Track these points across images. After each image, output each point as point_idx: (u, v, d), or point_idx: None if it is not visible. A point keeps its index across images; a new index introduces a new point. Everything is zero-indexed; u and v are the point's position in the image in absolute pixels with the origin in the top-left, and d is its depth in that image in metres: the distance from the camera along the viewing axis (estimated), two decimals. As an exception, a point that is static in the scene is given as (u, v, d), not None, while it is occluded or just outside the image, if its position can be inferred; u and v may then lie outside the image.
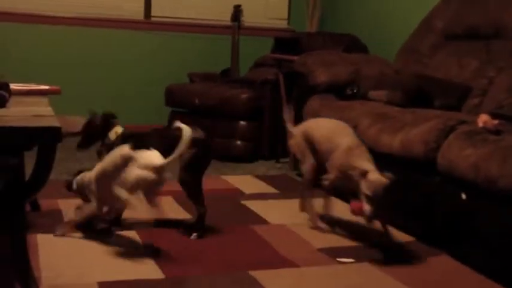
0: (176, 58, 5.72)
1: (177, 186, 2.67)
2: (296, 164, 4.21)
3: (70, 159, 4.10)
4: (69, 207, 2.87)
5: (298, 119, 4.00)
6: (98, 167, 2.48)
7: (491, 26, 3.59)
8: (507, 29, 3.46)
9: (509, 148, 2.30)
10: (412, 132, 2.81)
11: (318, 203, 3.00)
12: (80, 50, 5.41)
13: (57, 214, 2.95)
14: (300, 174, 4.10)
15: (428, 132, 2.72)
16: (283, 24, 6.06)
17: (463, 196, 2.49)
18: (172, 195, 3.35)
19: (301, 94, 4.08)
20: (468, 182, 2.43)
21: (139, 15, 5.62)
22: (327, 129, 2.81)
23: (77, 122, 3.35)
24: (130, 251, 2.54)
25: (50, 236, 2.65)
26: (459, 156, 2.49)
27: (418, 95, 3.47)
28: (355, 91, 3.76)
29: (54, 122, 1.60)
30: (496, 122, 2.58)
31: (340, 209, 3.12)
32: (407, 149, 2.80)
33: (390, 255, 2.60)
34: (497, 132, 2.52)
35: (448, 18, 3.97)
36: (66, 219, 2.79)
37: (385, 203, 2.43)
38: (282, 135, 4.46)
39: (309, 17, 5.85)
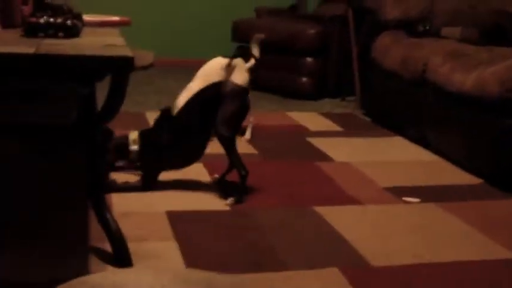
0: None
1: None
2: (363, 102, 4.16)
3: (135, 92, 4.17)
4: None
5: (367, 56, 3.93)
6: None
7: None
8: None
9: None
10: (487, 71, 2.71)
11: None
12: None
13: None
14: (366, 113, 4.05)
15: (506, 70, 2.61)
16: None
17: (538, 139, 2.40)
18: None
19: (370, 30, 3.98)
20: (544, 124, 2.34)
21: None
22: None
23: (146, 56, 3.39)
24: (198, 183, 2.59)
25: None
26: (536, 97, 2.39)
27: (496, 32, 3.32)
28: (427, 28, 3.64)
29: (127, 52, 1.61)
30: None
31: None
32: (481, 88, 2.70)
33: (458, 197, 2.55)
34: None
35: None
36: None
37: None
38: (349, 72, 4.40)
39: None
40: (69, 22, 1.76)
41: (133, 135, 2.51)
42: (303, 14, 5.14)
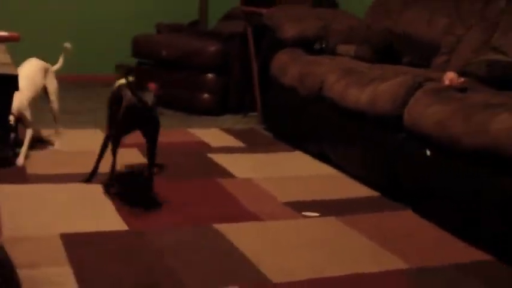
0: (144, 8, 5.59)
1: (143, 138, 2.63)
2: (264, 117, 4.20)
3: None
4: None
5: (267, 73, 3.98)
6: None
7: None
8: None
9: (473, 106, 2.31)
10: (380, 88, 2.81)
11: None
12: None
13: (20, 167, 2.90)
14: (267, 128, 4.10)
15: (396, 88, 2.72)
16: (253, -25, 5.94)
17: (428, 153, 2.50)
18: (137, 147, 3.32)
19: (270, 48, 4.04)
20: (433, 138, 2.45)
21: (106, -38, 5.46)
22: None
23: None
24: (94, 202, 2.51)
25: (12, 186, 2.61)
26: (425, 113, 2.50)
27: (387, 50, 3.46)
28: (323, 46, 3.74)
29: (10, 70, 1.54)
30: (461, 79, 2.59)
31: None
32: (374, 104, 2.80)
33: (356, 210, 2.62)
34: (462, 89, 2.53)
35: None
36: None
37: None
38: (250, 89, 4.44)
39: (279, -31, 5.75)
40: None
41: None
42: (204, 30, 5.15)
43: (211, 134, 3.87)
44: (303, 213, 2.56)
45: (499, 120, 2.17)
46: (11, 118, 2.85)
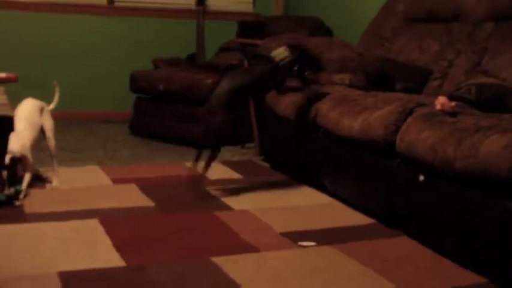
0: (141, 43, 5.66)
1: (141, 173, 2.65)
2: (262, 148, 4.23)
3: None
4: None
5: (263, 103, 4.01)
6: None
7: (450, 9, 3.62)
8: (465, 12, 3.50)
9: (465, 130, 2.33)
10: (373, 115, 2.83)
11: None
12: (42, 36, 5.32)
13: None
14: (265, 159, 4.12)
15: (388, 115, 2.75)
16: (248, 7, 6.04)
17: (421, 178, 2.52)
18: (136, 182, 3.34)
19: (265, 78, 4.07)
20: (426, 163, 2.46)
21: (103, 0, 5.54)
22: None
23: None
24: (92, 239, 2.52)
25: (10, 226, 2.62)
26: (417, 138, 2.52)
27: (380, 78, 3.49)
28: (318, 74, 3.77)
29: (6, 111, 1.58)
30: (453, 104, 2.61)
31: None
32: (367, 131, 2.82)
33: (352, 238, 2.62)
34: (454, 114, 2.56)
35: (410, 2, 3.99)
36: None
37: None
38: (247, 120, 4.47)
39: (274, 0, 5.83)
40: None
41: None
42: (201, 63, 5.21)
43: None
44: (300, 243, 2.56)
45: (489, 142, 2.18)
46: (7, 157, 2.86)
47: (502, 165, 2.08)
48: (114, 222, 2.74)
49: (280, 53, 3.20)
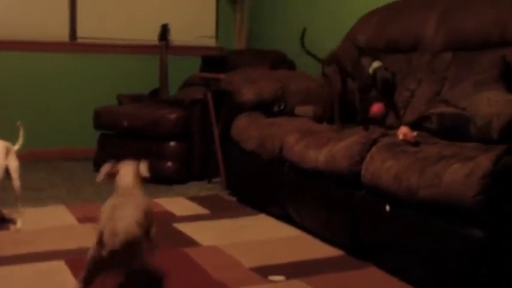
0: (104, 80, 5.65)
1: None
2: (228, 182, 4.22)
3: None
4: None
5: (228, 137, 4.02)
6: None
7: (409, 39, 3.70)
8: (424, 42, 3.58)
9: (427, 159, 2.36)
10: (337, 147, 2.86)
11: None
12: (3, 74, 5.26)
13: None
14: (232, 193, 4.11)
15: (352, 145, 2.77)
16: (211, 42, 6.08)
17: (388, 208, 2.54)
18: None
19: (229, 112, 4.09)
20: (391, 193, 2.48)
21: (64, 36, 5.52)
22: None
23: None
24: (57, 281, 2.46)
25: (-29, 272, 2.55)
26: (381, 168, 2.55)
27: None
28: (282, 107, 3.80)
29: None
30: (415, 134, 2.65)
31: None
32: (332, 163, 2.84)
33: (320, 270, 2.62)
34: (416, 143, 2.59)
35: (370, 33, 4.06)
36: None
37: None
38: (213, 154, 4.47)
39: (236, 34, 5.89)
40: None
41: None
42: (165, 98, 5.20)
43: (176, 203, 3.87)
44: (269, 277, 2.54)
45: (451, 171, 2.22)
46: None
47: (465, 193, 2.11)
48: (81, 263, 2.68)
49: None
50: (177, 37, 5.55)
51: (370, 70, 3.14)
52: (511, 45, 3.01)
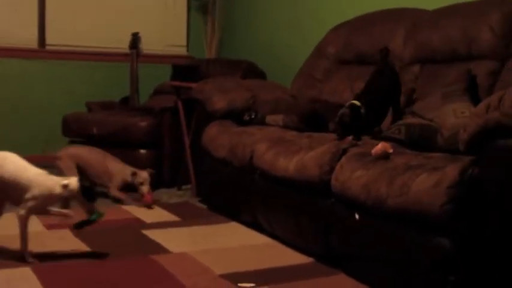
0: (74, 87, 5.60)
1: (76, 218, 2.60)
2: (198, 190, 4.22)
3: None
4: None
5: (199, 145, 4.03)
6: None
7: (377, 52, 3.76)
8: (393, 55, 3.64)
9: (395, 169, 2.41)
10: (307, 156, 2.89)
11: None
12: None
13: None
14: (202, 201, 4.12)
15: (322, 155, 2.81)
16: (182, 51, 6.09)
17: (357, 216, 2.58)
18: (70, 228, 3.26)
19: (200, 121, 4.11)
20: (360, 202, 2.52)
21: (34, 43, 5.47)
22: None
23: None
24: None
25: None
26: (351, 177, 2.58)
27: (313, 118, 3.58)
28: (252, 116, 3.83)
29: None
30: (391, 150, 2.63)
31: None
32: (302, 172, 2.87)
33: (290, 278, 2.64)
34: (386, 157, 2.60)
35: (340, 45, 4.13)
36: None
37: None
38: (183, 162, 4.47)
39: (207, 43, 5.91)
40: None
41: None
42: (135, 106, 5.19)
43: (146, 210, 3.85)
44: (239, 284, 2.56)
45: (419, 181, 2.27)
46: None
47: (433, 203, 2.16)
48: (48, 270, 2.66)
49: None
50: (147, 46, 5.55)
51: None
52: (476, 59, 3.09)
